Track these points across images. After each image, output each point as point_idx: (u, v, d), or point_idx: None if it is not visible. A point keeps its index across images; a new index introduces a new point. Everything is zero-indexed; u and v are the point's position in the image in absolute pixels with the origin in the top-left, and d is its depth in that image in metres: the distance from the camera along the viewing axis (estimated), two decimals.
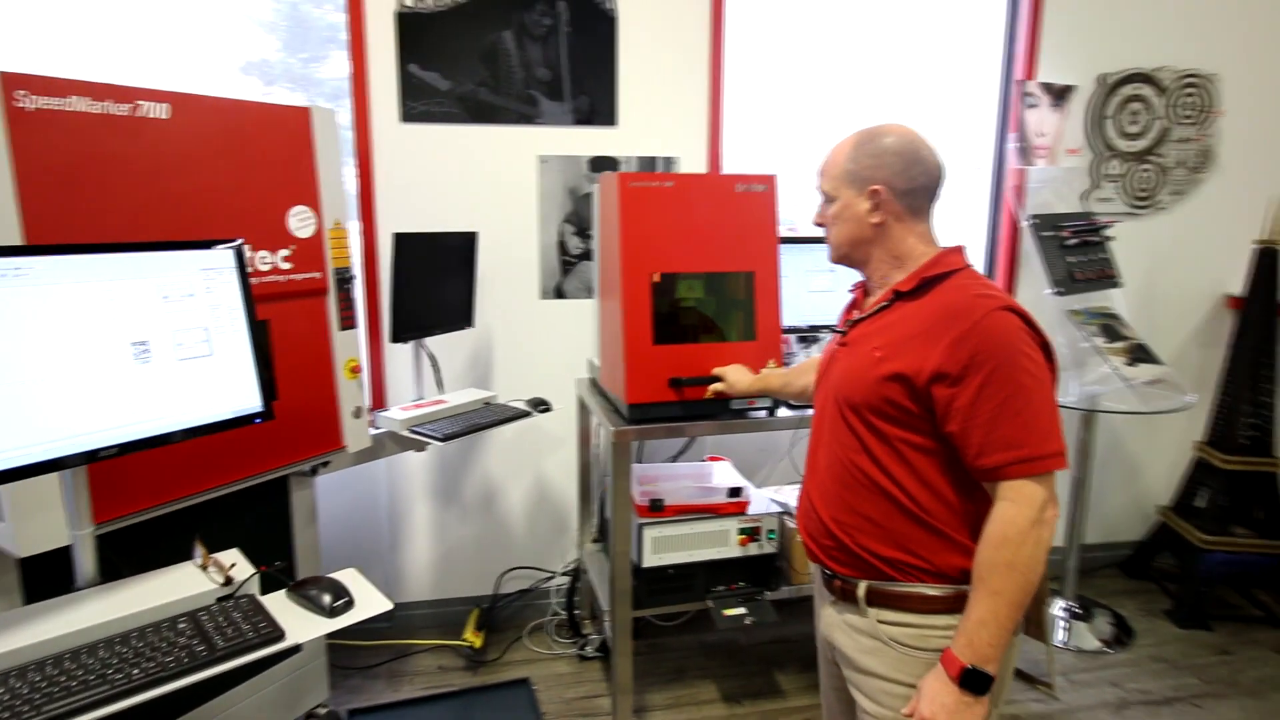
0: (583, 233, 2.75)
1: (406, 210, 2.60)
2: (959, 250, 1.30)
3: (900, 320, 1.24)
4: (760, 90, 2.89)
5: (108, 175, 1.51)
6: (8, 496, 1.37)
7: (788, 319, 2.56)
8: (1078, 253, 2.83)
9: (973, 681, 1.12)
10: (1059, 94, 3.00)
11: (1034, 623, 1.34)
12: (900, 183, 1.26)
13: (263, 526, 2.00)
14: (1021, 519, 1.11)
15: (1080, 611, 2.94)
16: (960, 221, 3.14)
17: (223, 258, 1.34)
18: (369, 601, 1.30)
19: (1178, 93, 3.10)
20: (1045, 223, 2.85)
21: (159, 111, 1.58)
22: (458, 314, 2.48)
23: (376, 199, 2.58)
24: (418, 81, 2.54)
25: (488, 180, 2.66)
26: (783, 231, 2.17)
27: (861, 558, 1.26)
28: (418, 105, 2.56)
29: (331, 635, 1.27)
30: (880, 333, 1.26)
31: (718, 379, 1.99)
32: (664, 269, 2.03)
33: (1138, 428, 3.32)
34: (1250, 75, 3.14)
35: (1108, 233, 2.90)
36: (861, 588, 1.27)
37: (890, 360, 1.20)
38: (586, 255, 2.77)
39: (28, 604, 1.39)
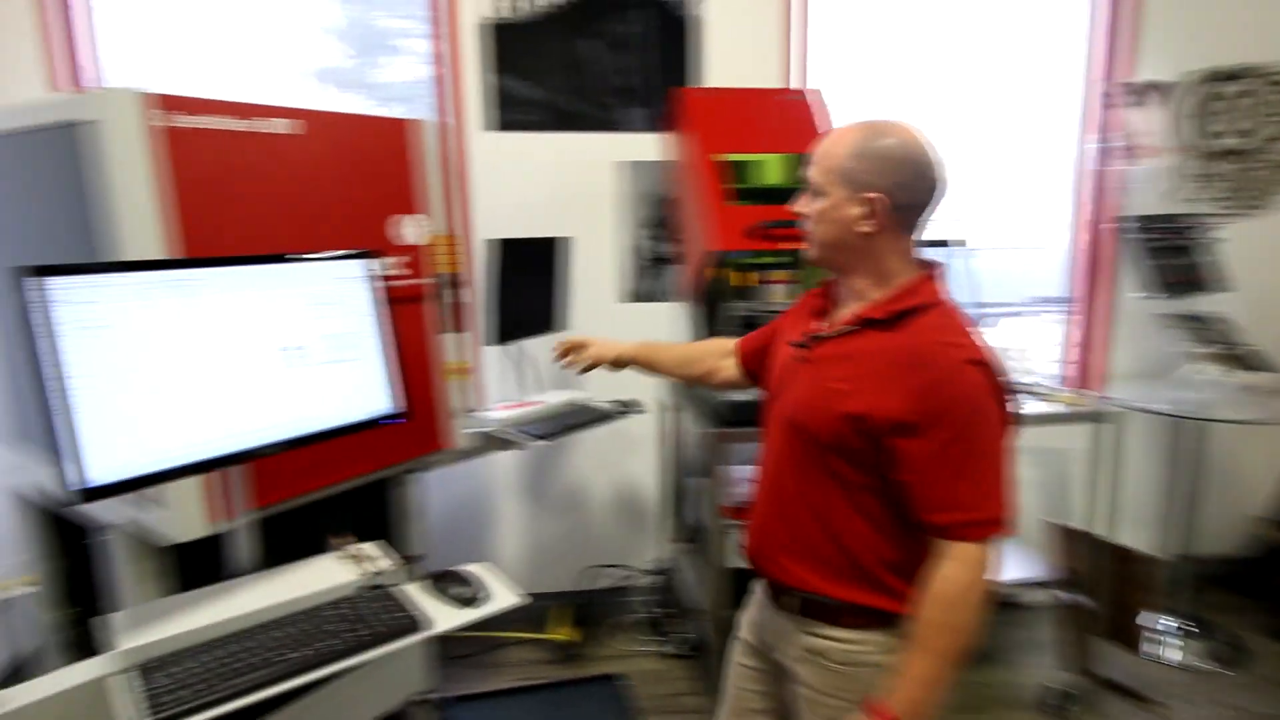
0: (659, 237, 2.79)
1: (494, 217, 2.68)
2: (936, 276, 1.23)
3: (867, 353, 1.17)
4: (840, 92, 2.89)
5: (244, 188, 1.60)
6: (167, 486, 1.47)
7: None
8: (1176, 255, 2.75)
9: None
10: (1155, 91, 2.91)
11: (1123, 631, 1.31)
12: (901, 196, 1.15)
13: (370, 522, 2.09)
14: (965, 580, 1.11)
15: (1193, 629, 2.79)
16: (1041, 222, 3.08)
17: (357, 267, 1.42)
18: (501, 595, 1.36)
19: None
20: (1140, 224, 2.77)
21: (289, 127, 1.68)
22: (548, 317, 2.55)
23: (469, 206, 2.67)
24: (506, 90, 2.62)
25: (570, 186, 2.72)
26: None
27: (791, 574, 1.26)
28: (506, 114, 2.63)
29: None
30: (844, 361, 1.19)
31: (582, 345, 1.70)
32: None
33: (1244, 437, 3.18)
34: None
35: (1214, 235, 2.79)
36: (794, 600, 1.27)
37: (851, 397, 1.15)
38: (663, 260, 2.81)
39: (184, 586, 1.50)
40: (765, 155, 2.32)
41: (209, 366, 1.19)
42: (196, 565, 1.57)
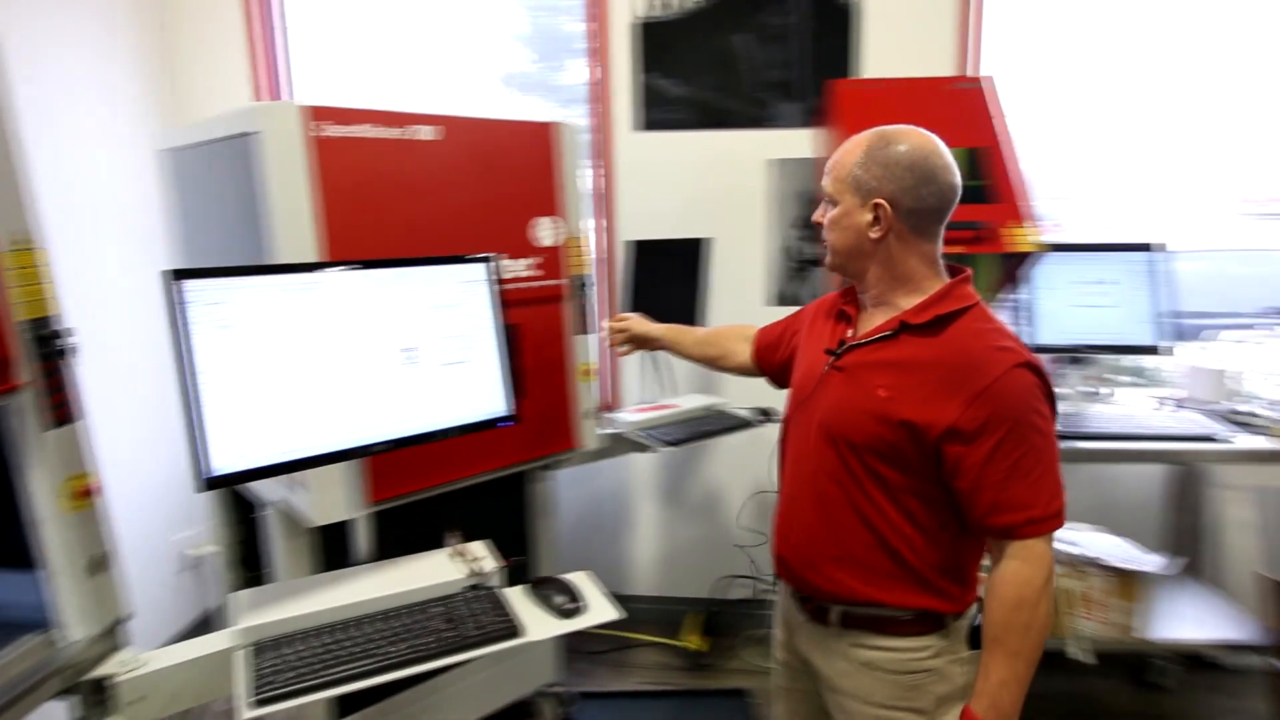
0: (811, 238, 2.65)
1: (641, 216, 2.66)
2: (967, 279, 1.23)
3: (910, 359, 1.18)
4: (1022, 89, 2.60)
5: (386, 193, 1.68)
6: (311, 472, 1.58)
7: (1048, 336, 2.29)
8: None
9: None
10: None
11: None
12: (907, 200, 1.16)
13: (504, 517, 2.15)
14: (1036, 579, 1.12)
15: None
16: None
17: (478, 271, 1.44)
18: (599, 608, 1.34)
19: None
20: None
21: (429, 133, 1.74)
22: (689, 320, 2.49)
23: (616, 205, 2.67)
24: (655, 90, 2.59)
25: (718, 185, 2.65)
26: (1044, 237, 1.96)
27: (837, 583, 1.25)
28: (654, 113, 2.60)
29: None
30: (885, 368, 1.19)
31: (624, 325, 1.87)
32: None
33: None
34: None
35: None
36: (835, 613, 1.26)
37: (899, 405, 1.15)
38: (815, 261, 2.66)
39: (327, 565, 1.60)
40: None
41: (330, 365, 1.25)
42: (340, 547, 1.68)
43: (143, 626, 2.34)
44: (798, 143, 2.59)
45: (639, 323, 1.84)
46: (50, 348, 1.14)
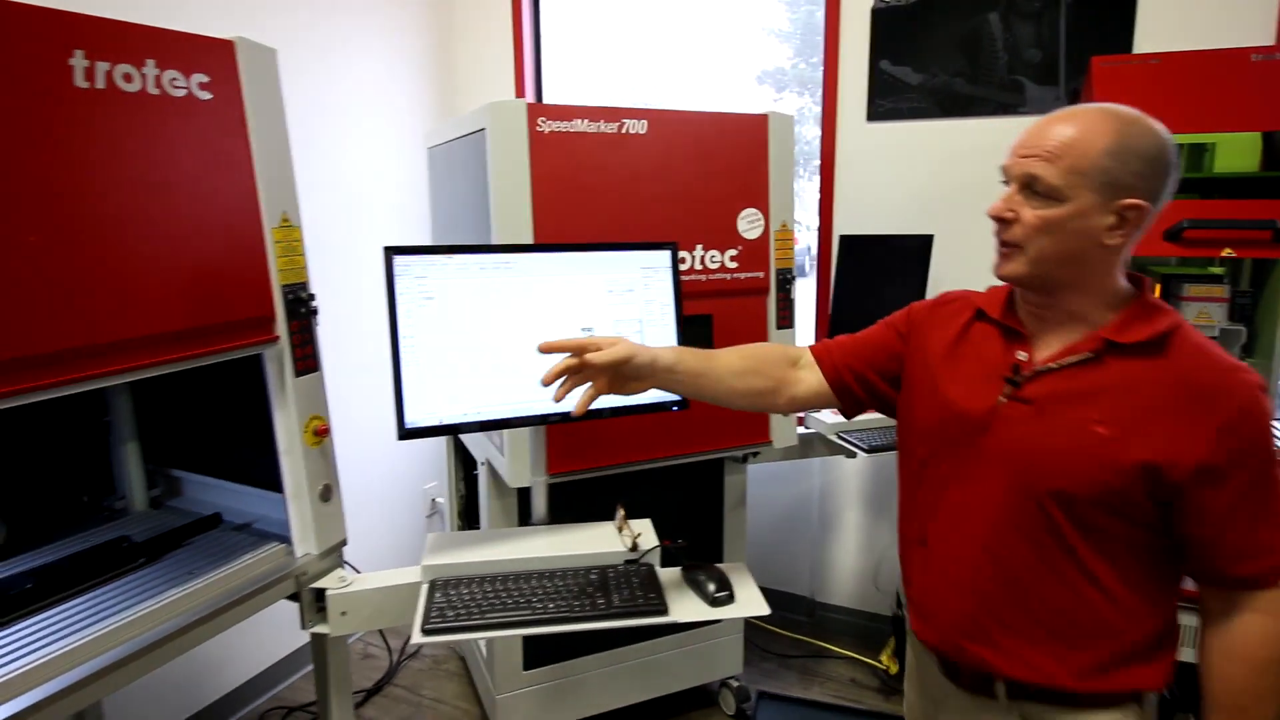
0: None
1: (866, 210, 2.55)
2: (1152, 286, 1.05)
3: (1128, 386, 0.98)
4: None
5: (596, 183, 1.79)
6: (508, 439, 1.74)
7: None
8: None
9: None
10: None
11: None
12: (1159, 203, 0.98)
13: (695, 503, 2.19)
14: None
15: None
16: None
17: (660, 258, 1.48)
18: (750, 602, 1.32)
19: None
20: None
21: (639, 128, 1.82)
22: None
23: (837, 199, 2.59)
24: (887, 78, 2.46)
25: (949, 179, 2.45)
26: None
27: (1024, 662, 1.04)
28: (885, 102, 2.47)
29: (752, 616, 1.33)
30: (1095, 399, 0.99)
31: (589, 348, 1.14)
32: None
33: None
34: None
35: None
36: (1001, 686, 1.07)
37: (1129, 444, 0.96)
38: None
39: (523, 521, 1.75)
40: (1219, 135, 1.82)
41: (515, 339, 1.36)
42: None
43: (398, 561, 2.72)
44: None
45: (633, 346, 1.16)
46: (301, 309, 1.38)
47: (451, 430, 1.31)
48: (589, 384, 1.15)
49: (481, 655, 2.23)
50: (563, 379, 1.13)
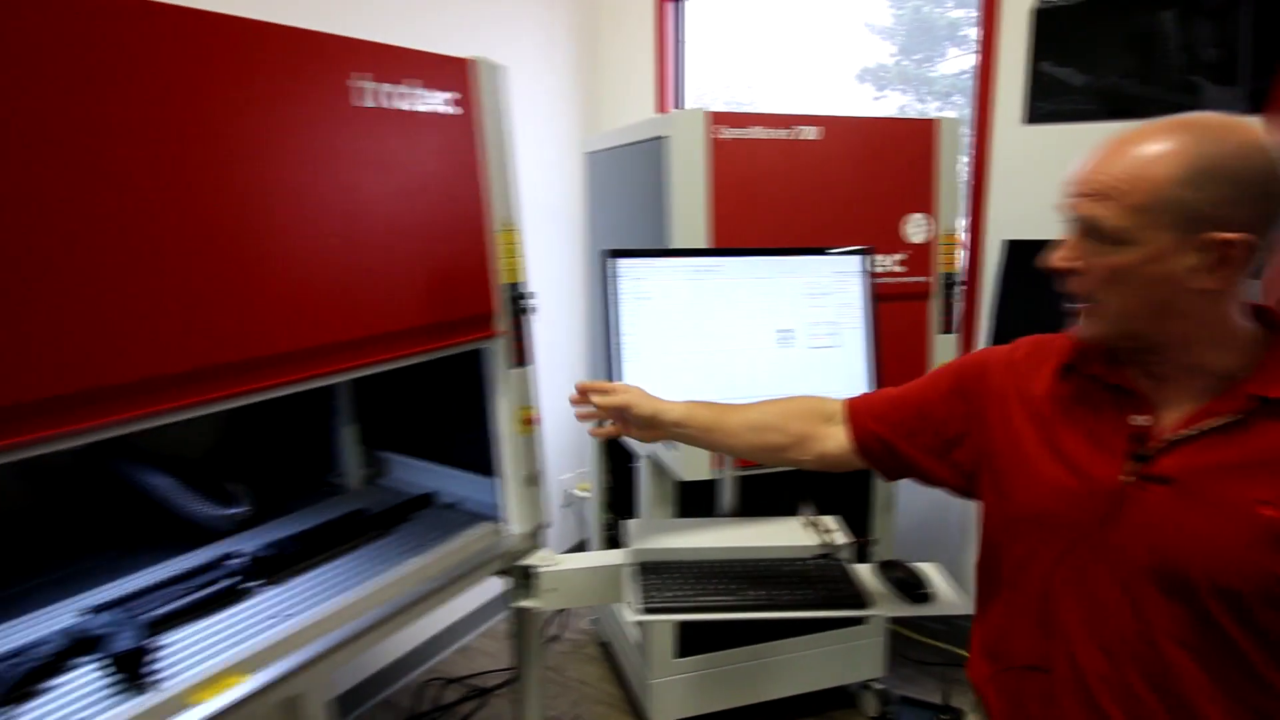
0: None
1: (1020, 214, 2.51)
2: None
3: None
4: None
5: (769, 187, 1.84)
6: None
7: None
8: None
9: None
10: None
11: None
12: (1268, 234, 0.80)
13: (845, 502, 2.21)
14: None
15: None
16: None
17: (853, 263, 1.53)
18: (949, 598, 1.35)
19: None
20: None
21: (811, 133, 1.86)
22: (1062, 328, 2.31)
23: (989, 202, 2.56)
24: (1048, 79, 2.42)
25: None
26: None
27: None
28: (1045, 104, 2.43)
29: (894, 619, 1.35)
30: (1257, 472, 0.81)
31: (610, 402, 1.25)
32: None
33: None
34: None
35: None
36: None
37: None
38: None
39: (681, 514, 1.82)
40: None
41: (717, 338, 1.43)
42: (695, 502, 1.90)
43: None
44: None
45: (639, 397, 1.24)
46: (519, 306, 1.49)
47: None
48: (609, 420, 1.27)
49: (630, 641, 2.32)
50: (588, 407, 1.27)
